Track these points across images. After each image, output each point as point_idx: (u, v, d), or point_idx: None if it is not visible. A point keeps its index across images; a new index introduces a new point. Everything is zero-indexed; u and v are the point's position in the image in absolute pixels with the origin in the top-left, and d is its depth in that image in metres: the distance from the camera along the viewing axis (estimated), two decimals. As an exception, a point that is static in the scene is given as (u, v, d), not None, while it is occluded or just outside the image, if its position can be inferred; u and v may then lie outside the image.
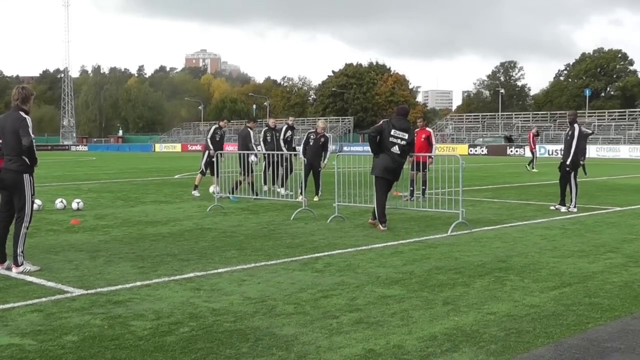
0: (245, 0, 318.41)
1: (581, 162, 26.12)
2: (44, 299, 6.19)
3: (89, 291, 6.52)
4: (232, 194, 15.46)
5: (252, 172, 15.73)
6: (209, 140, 16.91)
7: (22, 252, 7.47)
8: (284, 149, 17.11)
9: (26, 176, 7.51)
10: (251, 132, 16.49)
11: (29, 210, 7.56)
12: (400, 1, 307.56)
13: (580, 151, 26.64)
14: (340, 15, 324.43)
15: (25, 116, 7.47)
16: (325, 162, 16.00)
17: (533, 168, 30.14)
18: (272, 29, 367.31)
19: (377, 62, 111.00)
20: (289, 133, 17.69)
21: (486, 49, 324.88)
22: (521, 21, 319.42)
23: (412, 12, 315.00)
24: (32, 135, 7.49)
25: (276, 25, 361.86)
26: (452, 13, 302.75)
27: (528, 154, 33.84)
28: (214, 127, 17.21)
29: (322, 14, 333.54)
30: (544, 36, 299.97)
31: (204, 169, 16.88)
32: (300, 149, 16.45)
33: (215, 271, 7.47)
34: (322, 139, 15.99)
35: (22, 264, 7.44)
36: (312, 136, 15.99)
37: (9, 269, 7.51)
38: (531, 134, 31.75)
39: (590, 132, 29.76)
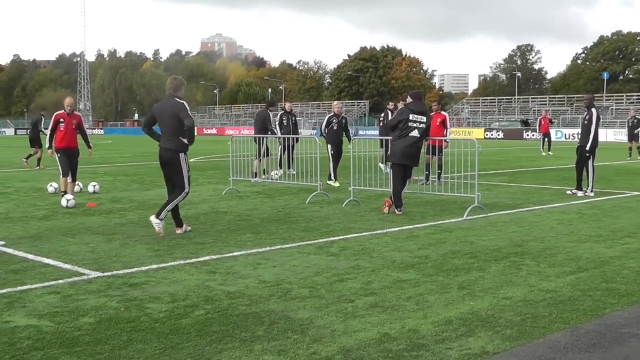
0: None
1: (637, 145, 26.01)
2: (60, 281, 6.25)
3: (105, 273, 6.57)
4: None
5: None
6: (276, 125, 17.54)
7: (166, 211, 8.49)
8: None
9: (182, 155, 8.59)
10: (389, 114, 17.16)
11: (187, 183, 8.65)
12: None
13: (632, 136, 26.46)
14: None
15: (182, 101, 8.53)
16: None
17: (549, 150, 29.91)
18: (279, 11, 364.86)
19: (388, 46, 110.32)
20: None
21: (497, 32, 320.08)
22: (531, 2, 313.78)
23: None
24: (192, 117, 8.52)
25: (283, 8, 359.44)
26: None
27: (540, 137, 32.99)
28: (280, 113, 18.12)
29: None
30: (555, 18, 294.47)
31: (264, 154, 16.52)
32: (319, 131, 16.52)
33: (231, 254, 7.50)
34: (343, 121, 16.04)
35: (161, 220, 8.46)
36: (334, 120, 15.88)
37: (185, 231, 8.61)
38: (543, 118, 31.22)
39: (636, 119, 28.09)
